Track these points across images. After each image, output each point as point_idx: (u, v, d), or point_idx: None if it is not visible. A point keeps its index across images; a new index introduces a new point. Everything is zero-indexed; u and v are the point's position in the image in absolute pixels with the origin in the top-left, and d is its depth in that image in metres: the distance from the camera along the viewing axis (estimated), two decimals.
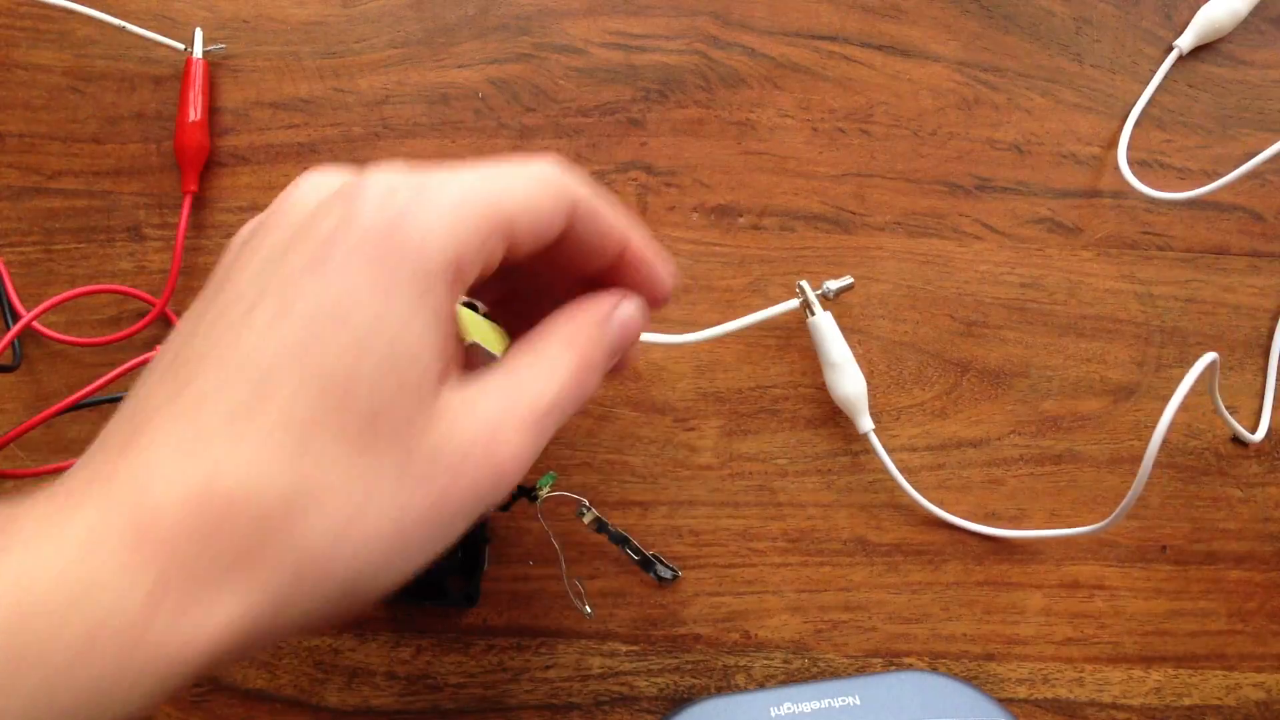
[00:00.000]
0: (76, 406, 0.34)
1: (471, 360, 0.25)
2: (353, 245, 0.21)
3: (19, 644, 0.17)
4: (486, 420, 0.22)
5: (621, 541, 0.36)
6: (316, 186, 0.24)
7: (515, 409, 0.23)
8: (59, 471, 0.36)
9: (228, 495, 0.19)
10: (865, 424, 0.37)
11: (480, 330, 0.25)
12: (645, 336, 0.37)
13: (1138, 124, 0.40)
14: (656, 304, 0.27)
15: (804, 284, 0.37)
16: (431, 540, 0.21)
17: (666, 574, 0.36)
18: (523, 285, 0.28)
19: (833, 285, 0.37)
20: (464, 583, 0.36)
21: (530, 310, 0.26)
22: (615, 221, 0.25)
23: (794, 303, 0.37)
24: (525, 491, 0.34)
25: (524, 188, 0.23)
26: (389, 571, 0.21)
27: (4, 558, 0.18)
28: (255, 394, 0.20)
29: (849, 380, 0.36)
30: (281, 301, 0.21)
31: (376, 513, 0.20)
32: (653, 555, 0.36)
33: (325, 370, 0.20)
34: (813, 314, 0.37)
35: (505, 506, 0.35)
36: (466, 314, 0.26)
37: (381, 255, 0.21)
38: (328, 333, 0.20)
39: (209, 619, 0.19)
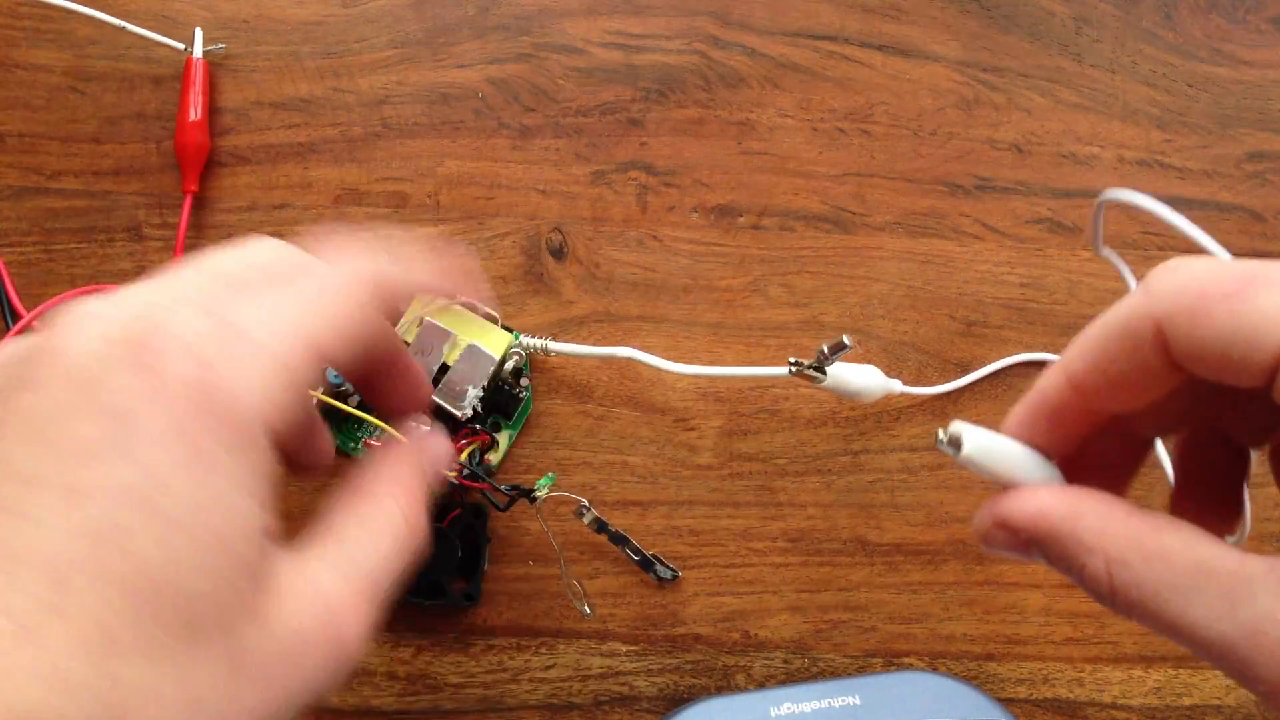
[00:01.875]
0: None
1: (470, 363, 0.24)
2: (157, 413, 0.18)
3: None
4: (325, 597, 0.20)
5: (621, 541, 0.36)
6: (99, 327, 0.19)
7: (353, 579, 0.21)
8: None
9: None
10: (896, 386, 0.36)
11: (469, 329, 0.25)
12: (646, 359, 0.36)
13: (1137, 124, 0.40)
14: (412, 411, 0.26)
15: (793, 363, 0.34)
16: None
17: (666, 574, 0.36)
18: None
19: (825, 348, 0.33)
20: (464, 583, 0.36)
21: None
22: (392, 337, 0.24)
23: (783, 370, 0.34)
24: (525, 492, 0.34)
25: (336, 312, 0.21)
26: None
27: None
28: (50, 599, 0.16)
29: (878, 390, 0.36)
30: (72, 484, 0.17)
31: (205, 718, 0.18)
32: (652, 555, 0.36)
33: (133, 565, 0.17)
34: (822, 378, 0.34)
35: (504, 507, 0.35)
36: (457, 314, 0.25)
37: (193, 424, 0.18)
38: (134, 521, 0.17)
39: None
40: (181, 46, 0.39)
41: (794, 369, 0.33)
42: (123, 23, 0.38)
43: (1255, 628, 0.17)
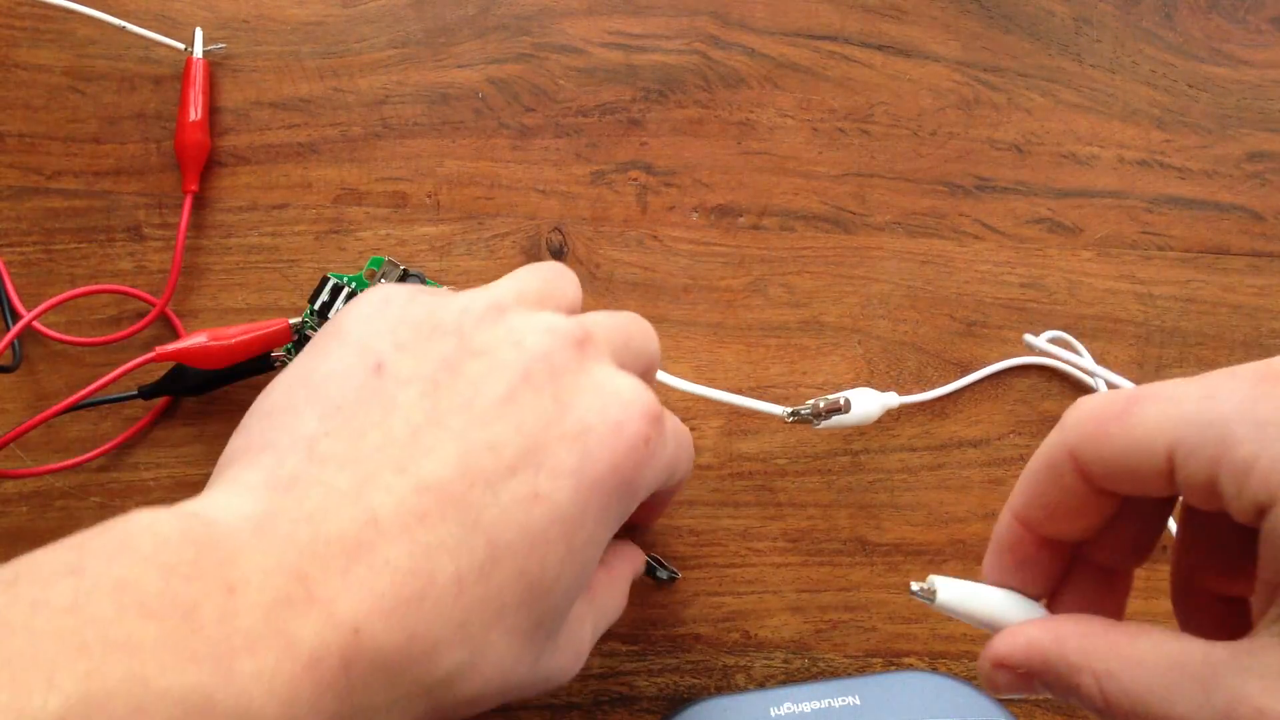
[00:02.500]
0: (76, 407, 0.34)
1: None
2: (609, 469, 0.23)
3: None
4: (578, 646, 0.26)
5: None
6: (575, 354, 0.24)
7: (593, 638, 0.27)
8: (58, 472, 0.36)
9: (426, 650, 0.20)
10: (892, 400, 0.37)
11: None
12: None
13: (1138, 124, 0.40)
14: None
15: (791, 412, 0.35)
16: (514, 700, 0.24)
17: (665, 575, 0.36)
18: None
19: (820, 404, 0.35)
20: None
21: None
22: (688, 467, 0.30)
23: (782, 410, 0.35)
24: None
25: (688, 461, 0.28)
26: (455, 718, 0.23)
27: (234, 665, 0.18)
28: (484, 565, 0.21)
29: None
30: (535, 487, 0.22)
31: (497, 692, 0.22)
32: (652, 557, 0.36)
33: (541, 570, 0.22)
34: (817, 425, 0.35)
35: None
36: None
37: (619, 490, 0.23)
38: (558, 539, 0.22)
39: None
40: (181, 46, 0.39)
41: (791, 418, 0.35)
42: (123, 23, 0.38)
43: (1228, 711, 0.18)
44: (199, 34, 0.39)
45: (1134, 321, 0.39)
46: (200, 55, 0.39)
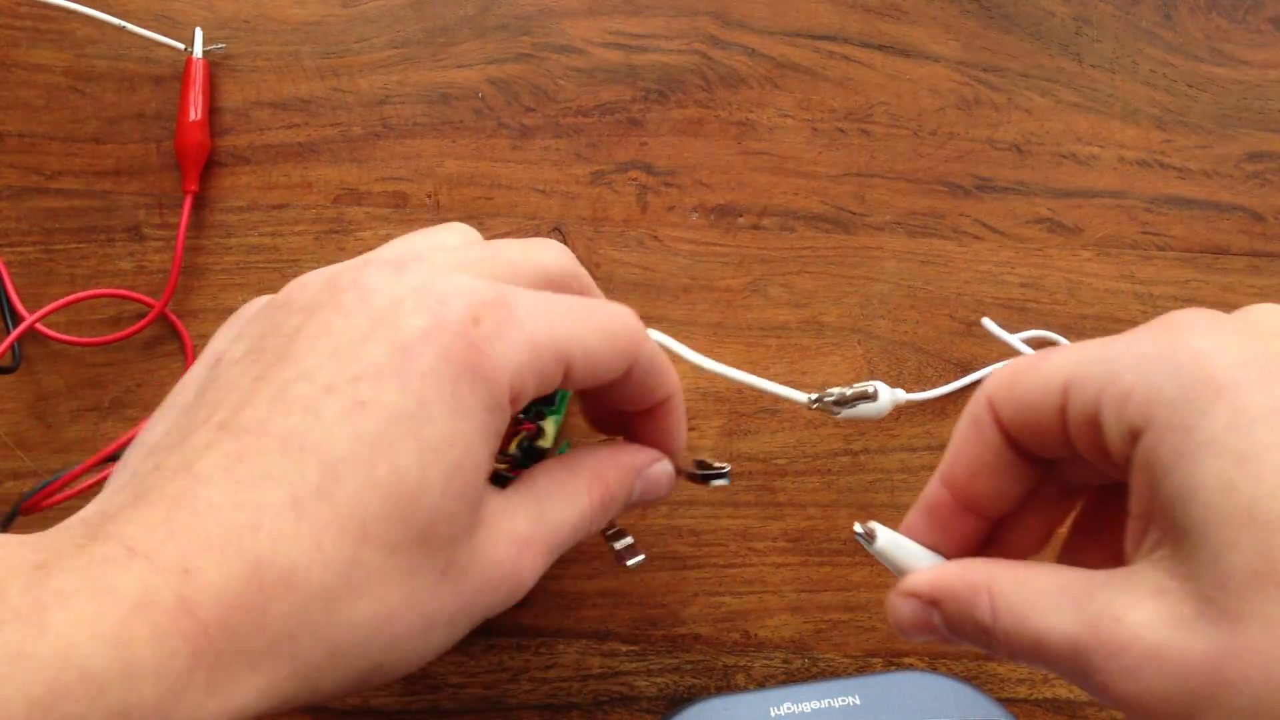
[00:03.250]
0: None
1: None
2: (438, 356, 0.21)
3: (55, 716, 0.17)
4: (514, 538, 0.24)
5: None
6: (394, 270, 0.23)
7: (538, 532, 0.24)
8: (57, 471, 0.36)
9: (279, 576, 0.19)
10: (901, 396, 0.35)
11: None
12: (673, 345, 0.35)
13: (1138, 124, 0.40)
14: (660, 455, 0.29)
15: (814, 398, 0.33)
16: (448, 638, 0.23)
17: (714, 480, 0.32)
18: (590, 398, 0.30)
19: (847, 391, 0.33)
20: None
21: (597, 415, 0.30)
22: (666, 379, 0.27)
23: (804, 397, 0.34)
24: None
25: (595, 336, 0.24)
26: (408, 662, 0.22)
27: (46, 618, 0.17)
28: (321, 484, 0.20)
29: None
30: (356, 395, 0.21)
31: (410, 612, 0.21)
32: (699, 461, 0.32)
33: (394, 475, 0.21)
34: (838, 413, 0.34)
35: None
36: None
37: (462, 375, 0.21)
38: (402, 438, 0.21)
39: (234, 697, 0.19)
40: (181, 46, 0.39)
41: (814, 404, 0.33)
42: (123, 23, 0.38)
43: (1092, 621, 0.20)
44: (199, 34, 0.39)
45: (1134, 322, 0.39)
46: (200, 55, 0.39)
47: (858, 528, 0.26)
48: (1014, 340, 0.37)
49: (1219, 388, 0.20)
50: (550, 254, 0.26)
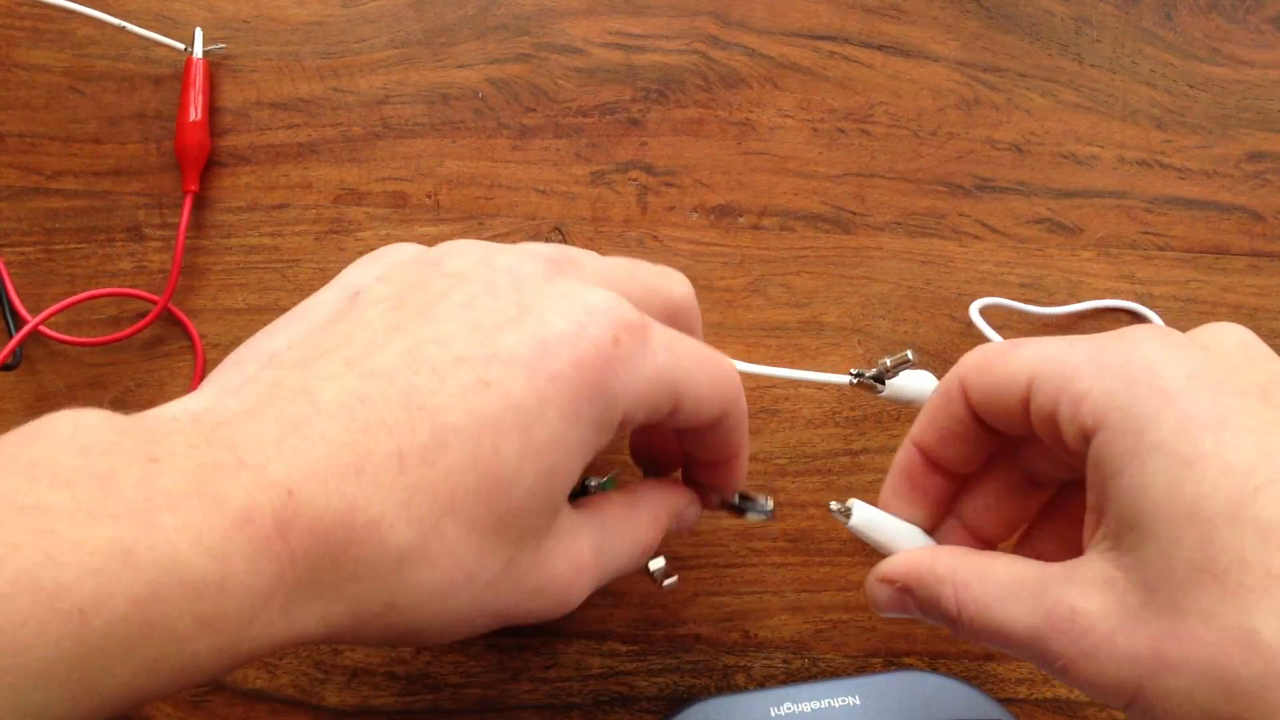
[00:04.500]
0: None
1: None
2: (570, 363, 0.22)
3: (152, 616, 0.17)
4: (576, 559, 0.24)
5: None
6: (550, 265, 0.24)
7: (598, 562, 0.25)
8: None
9: (368, 523, 0.20)
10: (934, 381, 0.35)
11: None
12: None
13: (1138, 124, 0.40)
14: (709, 505, 0.30)
15: (854, 374, 0.33)
16: (483, 627, 0.23)
17: (755, 515, 0.31)
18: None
19: (887, 362, 0.32)
20: None
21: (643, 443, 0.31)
22: (743, 435, 0.27)
23: (842, 378, 0.34)
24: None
25: (706, 384, 0.25)
26: (441, 637, 0.23)
27: (156, 519, 0.17)
28: (429, 446, 0.20)
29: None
30: (485, 375, 0.21)
31: (466, 594, 0.22)
32: (742, 494, 0.31)
33: (496, 458, 0.21)
34: (880, 389, 0.33)
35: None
36: None
37: (587, 388, 0.22)
38: (513, 428, 0.21)
39: (301, 622, 0.20)
40: (181, 46, 0.39)
41: (855, 379, 0.33)
42: (123, 23, 0.38)
43: (1050, 611, 0.22)
44: (199, 34, 0.39)
45: (1134, 322, 0.39)
46: (200, 55, 0.39)
47: (834, 505, 0.28)
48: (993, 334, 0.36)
49: (1169, 396, 0.21)
50: (680, 287, 0.27)
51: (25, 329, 0.35)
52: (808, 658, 0.36)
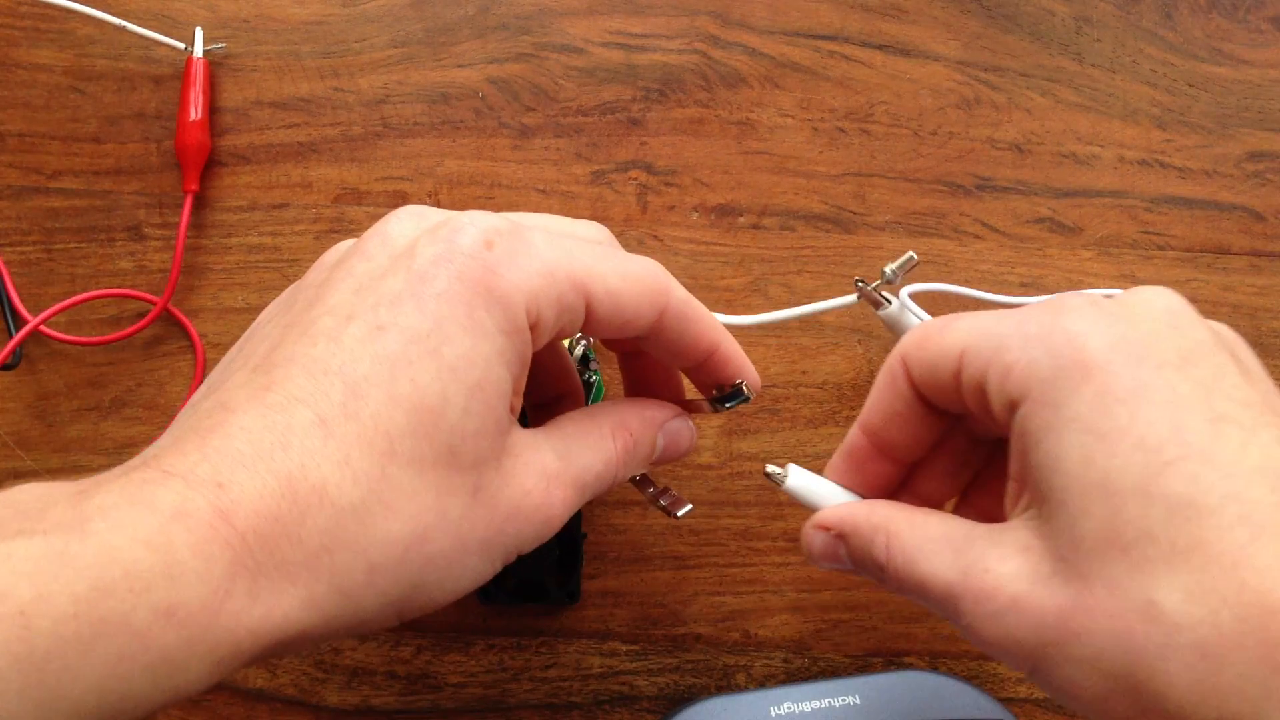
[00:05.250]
0: None
1: None
2: (451, 278, 0.22)
3: (101, 611, 0.17)
4: (542, 471, 0.24)
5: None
6: (415, 218, 0.24)
7: (566, 468, 0.24)
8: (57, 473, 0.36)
9: (311, 490, 0.20)
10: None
11: None
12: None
13: (1138, 124, 0.40)
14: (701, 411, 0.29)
15: (859, 282, 0.34)
16: (482, 566, 0.23)
17: (731, 404, 0.29)
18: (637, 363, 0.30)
19: (892, 266, 0.33)
20: (564, 580, 0.36)
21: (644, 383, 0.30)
22: (704, 328, 0.26)
23: (851, 298, 0.34)
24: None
25: (615, 276, 0.24)
26: (444, 585, 0.22)
27: (87, 526, 0.18)
28: (346, 403, 0.21)
29: None
30: (376, 320, 0.22)
31: (443, 532, 0.22)
32: (718, 388, 0.29)
33: (415, 392, 0.21)
34: (888, 304, 0.34)
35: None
36: None
37: (477, 296, 0.22)
38: (421, 357, 0.21)
39: (276, 607, 0.20)
40: (182, 46, 0.39)
41: (860, 287, 0.34)
42: (123, 22, 0.38)
43: (967, 569, 0.22)
44: (199, 34, 0.39)
45: None
46: (200, 55, 0.39)
47: (770, 469, 0.27)
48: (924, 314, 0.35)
49: (1088, 368, 0.21)
50: (587, 229, 0.27)
51: (25, 329, 0.35)
52: (808, 657, 0.36)
